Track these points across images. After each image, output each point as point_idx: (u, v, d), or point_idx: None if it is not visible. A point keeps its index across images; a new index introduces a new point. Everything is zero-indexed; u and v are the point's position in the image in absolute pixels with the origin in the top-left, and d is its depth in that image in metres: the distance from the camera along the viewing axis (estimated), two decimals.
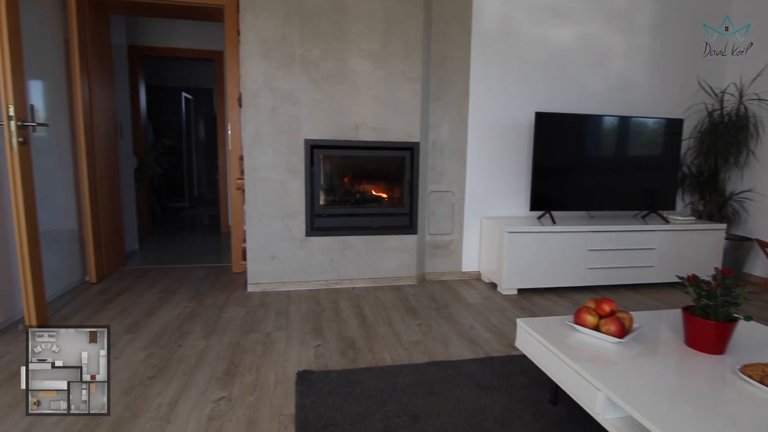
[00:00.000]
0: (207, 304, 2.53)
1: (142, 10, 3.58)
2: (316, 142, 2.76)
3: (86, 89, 2.85)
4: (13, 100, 2.02)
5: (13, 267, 2.23)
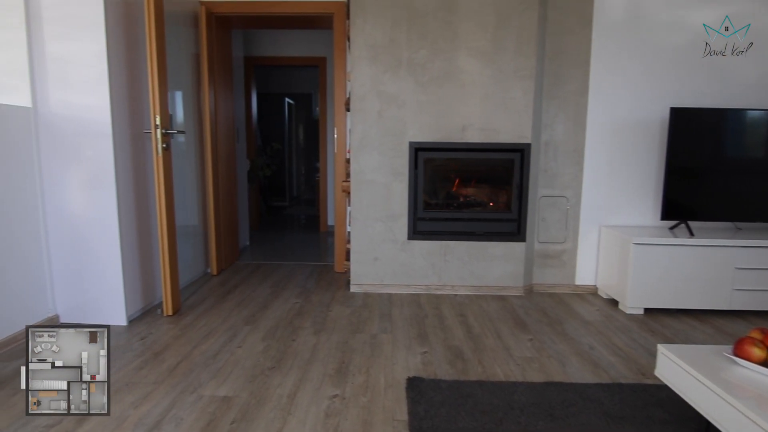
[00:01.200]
0: (314, 302, 2.63)
1: (258, 24, 3.87)
2: (421, 144, 2.73)
3: (212, 99, 3.14)
4: (159, 111, 2.28)
5: (155, 258, 2.52)
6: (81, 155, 2.20)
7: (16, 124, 2.09)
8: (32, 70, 2.16)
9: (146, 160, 2.46)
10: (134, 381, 1.73)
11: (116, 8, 2.21)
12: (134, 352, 1.98)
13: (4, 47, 2.15)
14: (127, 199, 2.29)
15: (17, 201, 2.09)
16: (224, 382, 1.72)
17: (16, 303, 2.07)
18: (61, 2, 2.13)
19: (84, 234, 2.23)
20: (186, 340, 2.09)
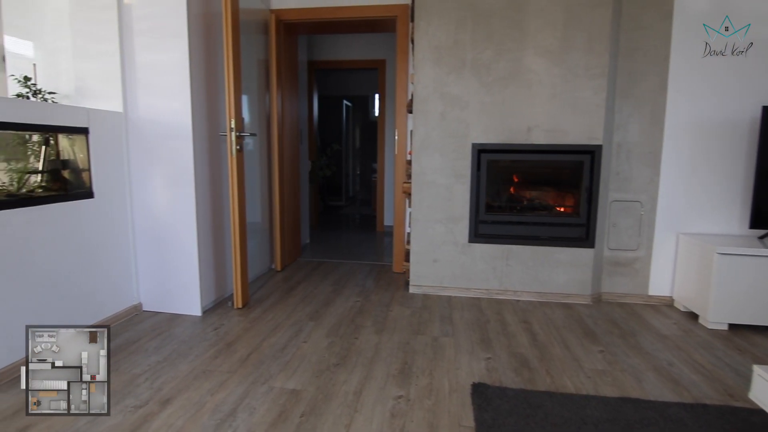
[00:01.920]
0: (374, 301, 2.66)
1: (322, 29, 3.97)
2: (484, 146, 2.68)
3: (280, 102, 3.27)
4: (234, 115, 2.41)
5: (226, 253, 2.67)
6: (164, 155, 2.38)
7: (111, 127, 2.30)
8: (124, 78, 2.36)
9: (220, 161, 2.61)
10: (210, 369, 1.84)
11: (197, 20, 2.36)
12: (209, 341, 2.10)
13: (101, 58, 2.36)
14: (203, 197, 2.44)
15: (112, 198, 2.30)
16: (292, 376, 1.79)
17: (108, 290, 2.28)
18: (149, 15, 2.31)
19: (165, 229, 2.41)
20: (255, 333, 2.20)
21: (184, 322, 2.33)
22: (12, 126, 1.84)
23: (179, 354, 1.97)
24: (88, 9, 2.35)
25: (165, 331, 2.21)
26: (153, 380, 1.75)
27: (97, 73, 2.38)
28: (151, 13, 2.31)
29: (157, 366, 1.86)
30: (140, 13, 2.32)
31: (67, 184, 2.15)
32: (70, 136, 2.13)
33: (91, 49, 2.37)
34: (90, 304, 2.16)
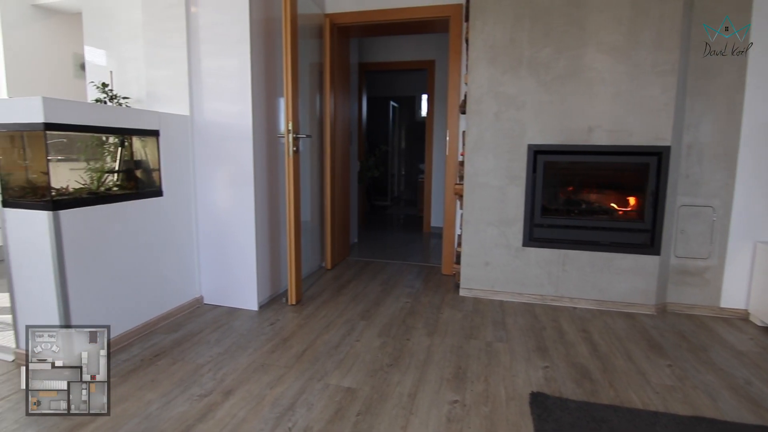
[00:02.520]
0: (424, 303, 2.65)
1: (373, 32, 4.00)
2: (540, 147, 2.60)
3: (332, 104, 3.33)
4: (292, 117, 2.48)
5: (281, 251, 2.75)
6: (226, 156, 2.48)
7: (178, 130, 2.43)
8: (190, 83, 2.49)
9: (277, 161, 2.70)
10: (268, 363, 1.90)
11: (258, 25, 2.45)
12: (266, 335, 2.18)
13: (170, 65, 2.50)
14: (261, 196, 2.52)
15: (179, 196, 2.43)
16: (347, 374, 1.81)
17: (173, 283, 2.41)
18: (214, 23, 2.42)
19: (225, 226, 2.52)
20: (309, 330, 2.25)
21: (241, 316, 2.42)
22: (93, 129, 1.99)
23: (239, 347, 2.05)
24: (159, 19, 2.50)
25: (224, 324, 2.31)
26: (215, 371, 1.83)
27: (166, 79, 2.52)
28: (215, 21, 2.42)
29: (219, 357, 1.95)
30: (206, 21, 2.44)
31: (140, 183, 2.30)
32: (142, 138, 2.27)
33: (162, 57, 2.52)
34: (157, 295, 2.29)
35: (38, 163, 1.85)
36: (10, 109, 1.77)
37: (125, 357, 1.95)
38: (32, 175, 1.88)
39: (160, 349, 2.03)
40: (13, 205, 1.82)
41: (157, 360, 1.92)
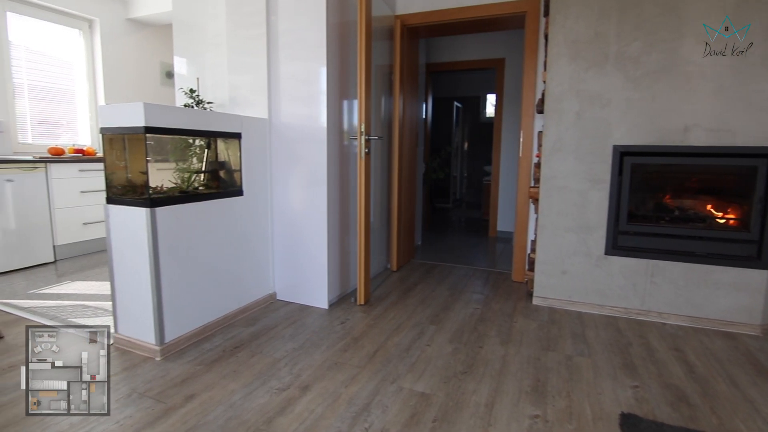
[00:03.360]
0: (494, 310, 2.56)
1: (442, 31, 3.95)
2: (628, 148, 2.41)
3: (401, 105, 3.32)
4: (364, 119, 2.50)
5: (350, 251, 2.79)
6: (300, 157, 2.56)
7: (258, 132, 2.54)
8: (269, 88, 2.59)
9: (348, 162, 2.74)
10: (341, 362, 1.93)
11: (333, 29, 2.49)
12: (337, 334, 2.21)
13: (251, 70, 2.62)
14: (333, 196, 2.57)
15: (257, 196, 2.54)
16: (420, 378, 1.79)
17: (250, 278, 2.52)
18: (293, 29, 2.50)
19: (298, 225, 2.59)
20: (379, 331, 2.25)
21: (312, 313, 2.48)
22: (185, 132, 2.13)
23: (312, 344, 2.10)
24: (242, 27, 2.62)
25: (297, 321, 2.37)
26: (292, 366, 1.88)
27: (247, 84, 2.64)
28: (293, 27, 2.50)
29: (294, 353, 2.00)
30: (285, 27, 2.52)
31: (223, 183, 2.43)
32: (226, 140, 2.40)
33: (243, 63, 2.65)
34: (236, 290, 2.41)
35: (136, 164, 2.01)
36: (115, 114, 1.94)
37: (209, 347, 2.06)
38: (131, 174, 2.04)
39: (239, 341, 2.12)
40: (115, 202, 1.99)
41: (237, 351, 2.01)
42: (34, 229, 3.37)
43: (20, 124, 3.85)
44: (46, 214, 3.45)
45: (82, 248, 3.76)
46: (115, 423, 1.49)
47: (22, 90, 3.85)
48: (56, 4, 3.98)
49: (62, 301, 2.64)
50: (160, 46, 4.96)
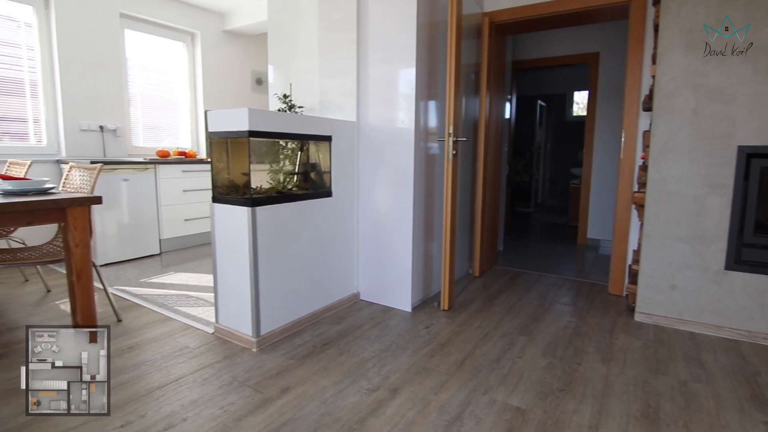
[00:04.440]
0: (591, 324, 2.38)
1: (533, 27, 3.78)
2: (756, 149, 2.12)
3: (488, 105, 3.22)
4: (453, 121, 2.45)
5: (433, 254, 2.75)
6: (387, 159, 2.57)
7: (347, 135, 2.59)
8: (358, 90, 2.64)
9: (433, 164, 2.70)
10: (429, 367, 1.89)
11: (422, 30, 2.47)
12: (422, 338, 2.18)
13: (341, 74, 2.69)
14: (418, 199, 2.55)
15: (345, 197, 2.60)
16: (513, 392, 1.70)
17: (336, 278, 2.58)
18: (382, 32, 2.52)
19: (383, 227, 2.60)
20: (465, 338, 2.19)
21: (396, 315, 2.48)
22: (282, 135, 2.22)
23: (398, 346, 2.09)
24: (333, 32, 2.70)
25: (382, 322, 2.38)
26: (380, 367, 1.89)
27: (336, 87, 2.71)
28: (383, 30, 2.52)
29: (381, 354, 2.01)
30: (374, 31, 2.55)
31: (314, 184, 2.51)
32: (317, 143, 2.47)
33: (333, 68, 2.72)
34: (323, 288, 2.48)
35: (239, 166, 2.13)
36: (222, 119, 2.07)
37: (299, 342, 2.14)
38: (234, 176, 2.18)
39: (327, 338, 2.18)
40: (220, 201, 2.13)
41: (326, 348, 2.06)
42: (144, 224, 3.75)
43: (133, 130, 4.31)
44: (154, 211, 3.82)
45: (183, 242, 4.11)
46: (220, 408, 1.59)
47: (135, 99, 4.31)
48: (165, 20, 4.41)
49: (168, 290, 2.90)
50: (251, 54, 5.29)
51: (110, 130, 3.99)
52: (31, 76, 3.59)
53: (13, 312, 2.49)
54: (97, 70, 3.88)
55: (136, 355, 1.99)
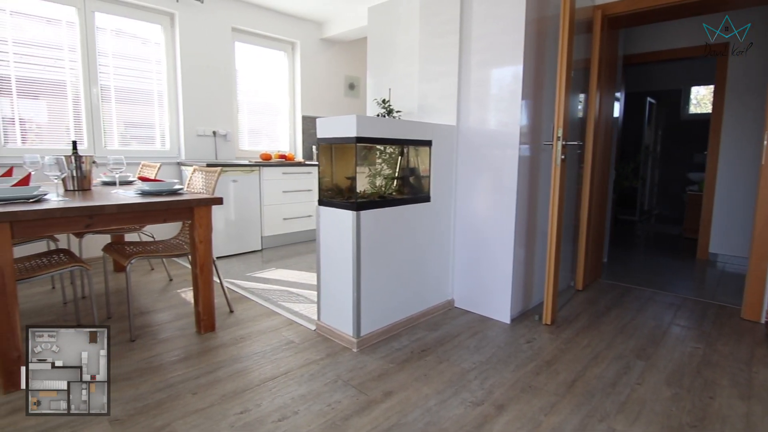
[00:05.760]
0: (722, 353, 2.09)
1: (650, 18, 3.43)
2: None
3: (597, 105, 2.99)
4: (563, 124, 2.30)
5: (535, 264, 2.61)
6: (487, 164, 2.49)
7: (446, 139, 2.56)
8: (459, 94, 2.59)
9: (538, 169, 2.56)
10: (535, 385, 1.79)
11: (530, 27, 2.35)
12: (525, 354, 2.07)
13: (441, 78, 2.66)
14: (521, 205, 2.43)
15: (442, 202, 2.57)
16: (635, 423, 1.54)
17: (432, 283, 2.55)
18: (486, 34, 2.45)
19: (482, 233, 2.53)
20: (573, 357, 2.04)
21: (494, 326, 2.39)
22: (386, 141, 2.25)
23: (499, 360, 2.01)
24: (434, 36, 2.68)
25: (479, 332, 2.31)
26: (482, 380, 1.83)
27: (436, 91, 2.69)
28: (487, 31, 2.44)
29: (482, 366, 1.94)
30: (478, 33, 2.48)
31: (413, 189, 2.51)
32: (416, 147, 2.47)
33: (433, 72, 2.70)
34: (419, 293, 2.47)
35: (344, 170, 2.20)
36: (331, 126, 2.15)
37: (397, 346, 2.15)
38: (339, 180, 2.25)
39: (425, 344, 2.16)
40: (326, 204, 2.22)
41: (425, 355, 2.05)
42: (248, 222, 4.05)
43: (240, 134, 4.68)
44: (257, 210, 4.11)
45: (281, 240, 4.37)
46: (327, 405, 1.64)
47: (242, 106, 4.68)
48: (270, 32, 4.72)
49: (270, 285, 3.09)
50: (345, 60, 5.48)
51: (221, 135, 4.37)
52: (158, 87, 4.05)
53: (143, 298, 2.83)
54: (212, 80, 4.27)
55: (248, 345, 2.14)
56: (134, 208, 1.96)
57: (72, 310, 2.55)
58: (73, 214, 1.79)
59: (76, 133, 3.60)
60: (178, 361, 1.98)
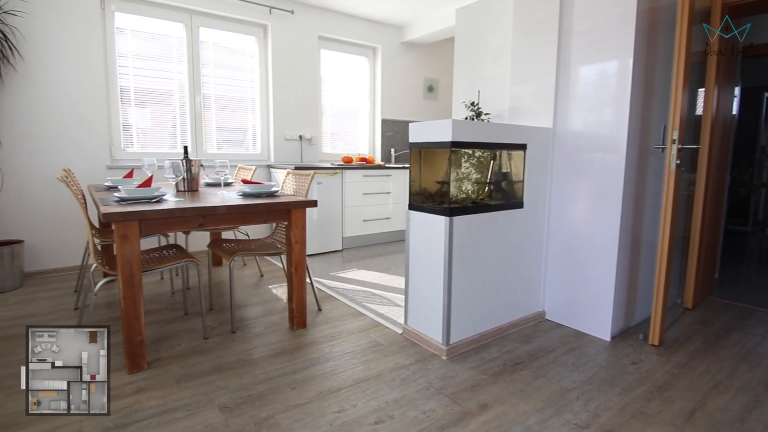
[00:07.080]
0: None
1: None
2: None
3: (714, 103, 2.68)
4: (678, 125, 2.09)
5: (640, 278, 2.40)
6: (587, 168, 2.33)
7: (541, 142, 2.43)
8: (556, 95, 2.45)
9: (645, 175, 2.36)
10: (647, 413, 1.64)
11: (642, 18, 2.15)
12: (631, 376, 1.91)
13: (536, 78, 2.53)
14: (626, 213, 2.25)
15: (536, 208, 2.45)
16: None
17: (522, 293, 2.44)
18: (590, 29, 2.29)
19: (579, 242, 2.37)
20: (689, 384, 1.84)
21: (592, 343, 2.23)
22: (479, 145, 2.19)
23: (602, 380, 1.87)
24: (529, 35, 2.56)
25: (576, 349, 2.17)
26: (585, 402, 1.70)
27: (530, 93, 2.57)
28: (592, 26, 2.28)
29: (584, 386, 1.82)
30: (580, 28, 2.33)
31: (505, 194, 2.42)
32: (509, 151, 2.38)
33: (528, 72, 2.58)
34: (509, 303, 2.37)
35: (435, 175, 2.18)
36: (424, 130, 2.14)
37: (488, 356, 2.08)
38: (430, 185, 2.23)
39: (517, 357, 2.07)
40: (417, 209, 2.21)
41: (518, 369, 1.96)
42: (330, 222, 4.17)
43: (323, 138, 4.85)
44: (339, 211, 4.22)
45: (360, 241, 4.46)
46: (422, 413, 1.63)
47: (326, 110, 4.84)
48: (353, 38, 4.83)
49: (354, 286, 3.16)
50: (424, 63, 5.46)
51: (307, 139, 4.56)
52: (252, 95, 4.32)
53: (239, 292, 3.02)
54: (299, 87, 4.47)
55: (339, 345, 2.19)
56: (240, 209, 2.10)
57: (180, 299, 2.79)
58: (189, 214, 1.96)
59: (180, 138, 3.94)
60: (275, 354, 2.08)
